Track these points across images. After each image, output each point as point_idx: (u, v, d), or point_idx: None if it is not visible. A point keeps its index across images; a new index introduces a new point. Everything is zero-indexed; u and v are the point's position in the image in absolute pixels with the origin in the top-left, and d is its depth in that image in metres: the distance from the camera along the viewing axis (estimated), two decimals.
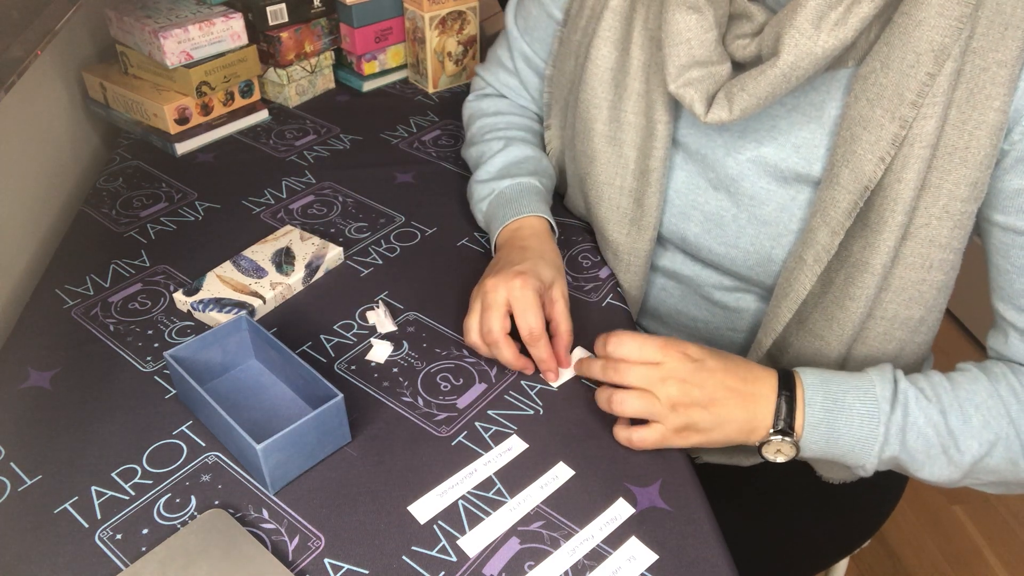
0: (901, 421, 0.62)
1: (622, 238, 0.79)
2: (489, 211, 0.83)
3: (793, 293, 0.70)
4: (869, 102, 0.62)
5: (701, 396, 0.62)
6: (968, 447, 0.62)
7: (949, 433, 0.62)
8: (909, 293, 0.66)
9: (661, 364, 0.63)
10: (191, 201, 0.92)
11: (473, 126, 0.94)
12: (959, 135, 0.60)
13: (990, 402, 0.62)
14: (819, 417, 0.62)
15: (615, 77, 0.75)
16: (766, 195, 0.70)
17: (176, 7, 1.01)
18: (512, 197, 0.81)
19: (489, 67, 0.96)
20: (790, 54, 0.59)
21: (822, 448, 0.63)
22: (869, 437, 0.62)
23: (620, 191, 0.77)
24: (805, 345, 0.73)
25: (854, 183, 0.63)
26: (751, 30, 0.65)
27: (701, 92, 0.65)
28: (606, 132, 0.76)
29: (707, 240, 0.76)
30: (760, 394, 0.63)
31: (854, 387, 0.63)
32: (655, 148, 0.73)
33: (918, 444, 0.62)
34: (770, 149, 0.69)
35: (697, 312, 0.83)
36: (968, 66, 0.59)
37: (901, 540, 1.51)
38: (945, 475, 0.63)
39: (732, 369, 0.64)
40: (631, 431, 0.63)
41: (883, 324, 0.69)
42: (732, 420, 0.63)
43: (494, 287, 0.69)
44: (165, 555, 0.55)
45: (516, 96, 0.94)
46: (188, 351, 0.66)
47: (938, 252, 0.64)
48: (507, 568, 0.56)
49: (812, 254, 0.67)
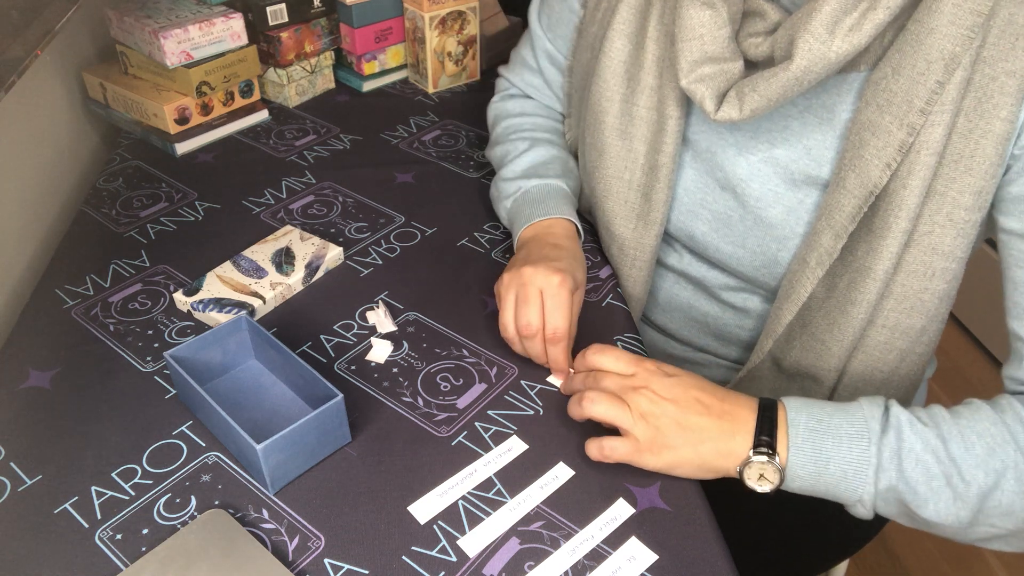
0: (895, 444, 0.57)
1: (628, 233, 0.79)
2: (514, 208, 0.82)
3: (795, 295, 0.70)
4: (879, 108, 0.62)
5: (673, 410, 0.60)
6: (974, 477, 0.56)
7: (951, 460, 0.57)
8: (911, 301, 0.66)
9: (634, 375, 0.62)
10: (191, 201, 0.92)
11: (499, 126, 0.93)
12: (965, 143, 0.60)
13: (993, 429, 0.58)
14: (804, 437, 0.58)
15: (628, 71, 0.75)
16: (774, 197, 0.70)
17: (176, 7, 1.01)
18: (539, 197, 0.81)
19: (513, 68, 0.96)
20: (803, 58, 0.59)
21: (811, 473, 0.58)
22: (860, 459, 0.57)
23: (628, 185, 0.77)
24: (806, 349, 0.73)
25: (860, 188, 0.63)
26: (764, 28, 0.65)
27: (712, 89, 0.65)
28: (617, 125, 0.76)
29: (715, 239, 0.76)
30: (737, 414, 0.60)
31: (840, 409, 0.60)
32: (665, 143, 0.73)
33: (917, 473, 0.57)
34: (782, 151, 0.69)
35: (708, 308, 0.83)
36: (977, 75, 0.59)
37: (901, 540, 1.51)
38: (953, 513, 0.57)
39: (708, 388, 0.62)
40: (601, 440, 0.61)
41: (884, 333, 0.68)
42: (706, 437, 0.60)
43: (531, 279, 0.68)
44: (165, 555, 0.55)
45: (541, 96, 0.94)
46: (188, 351, 0.66)
47: (940, 260, 0.64)
48: (507, 568, 0.56)
49: (815, 257, 0.67)
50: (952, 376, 1.81)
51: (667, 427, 0.60)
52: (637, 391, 0.61)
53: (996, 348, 1.83)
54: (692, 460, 0.60)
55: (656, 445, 0.60)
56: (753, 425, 0.60)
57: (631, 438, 0.60)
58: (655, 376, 0.62)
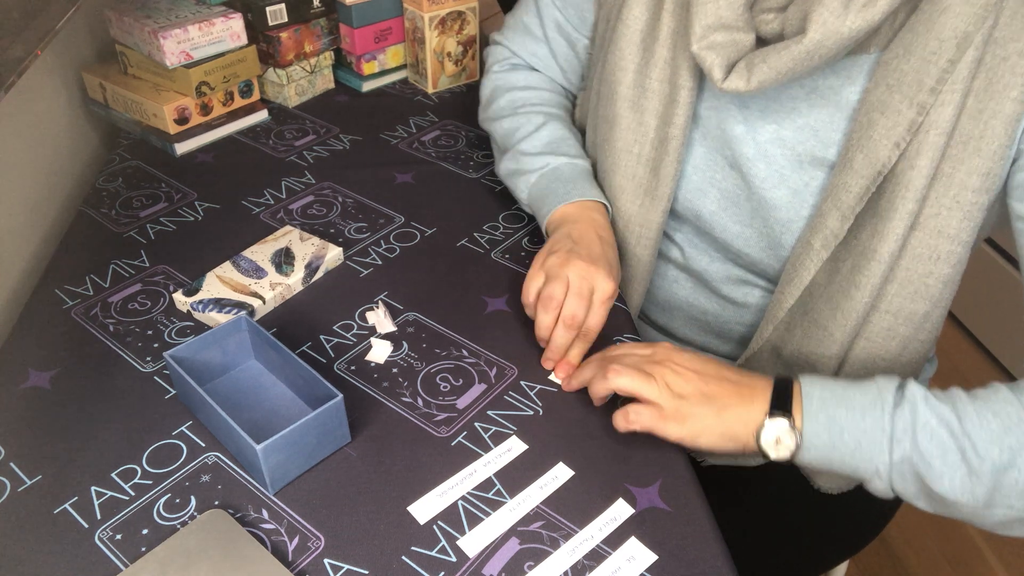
0: (909, 417, 0.57)
1: (635, 208, 0.79)
2: (542, 183, 0.82)
3: (798, 279, 0.70)
4: (889, 88, 0.62)
5: (696, 379, 0.62)
6: (988, 452, 0.55)
7: (965, 435, 0.56)
8: (915, 286, 0.66)
9: (653, 352, 0.64)
10: (191, 201, 0.92)
11: (501, 99, 0.92)
12: (974, 124, 0.60)
13: (1010, 408, 0.57)
14: (818, 407, 0.59)
15: (644, 40, 0.75)
16: (779, 178, 0.70)
17: (176, 7, 1.01)
18: (571, 176, 0.81)
19: (513, 36, 0.94)
20: (817, 32, 0.59)
21: (825, 443, 0.58)
22: (874, 428, 0.57)
23: (638, 159, 0.77)
24: (807, 336, 0.72)
25: (868, 168, 0.63)
26: (777, 5, 0.65)
27: (722, 57, 0.65)
28: (629, 96, 0.76)
29: (723, 218, 0.76)
30: (755, 384, 0.62)
31: (854, 383, 0.61)
32: (676, 115, 0.73)
33: (932, 446, 0.56)
34: (790, 132, 0.69)
35: (708, 305, 0.84)
36: (989, 55, 0.59)
37: (901, 540, 1.51)
38: (968, 490, 0.56)
39: (724, 364, 0.64)
40: (627, 407, 0.63)
41: (887, 319, 0.68)
42: (727, 404, 0.61)
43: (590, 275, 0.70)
44: (165, 555, 0.55)
45: (545, 68, 0.93)
46: (188, 351, 0.66)
47: (946, 244, 0.64)
48: (507, 568, 0.56)
49: (820, 239, 0.67)
50: (952, 376, 1.81)
51: (691, 395, 0.61)
52: (660, 364, 0.63)
53: (996, 348, 1.83)
54: (715, 428, 0.61)
55: (680, 414, 0.61)
56: (770, 394, 0.61)
57: (655, 406, 0.62)
58: (674, 351, 0.64)
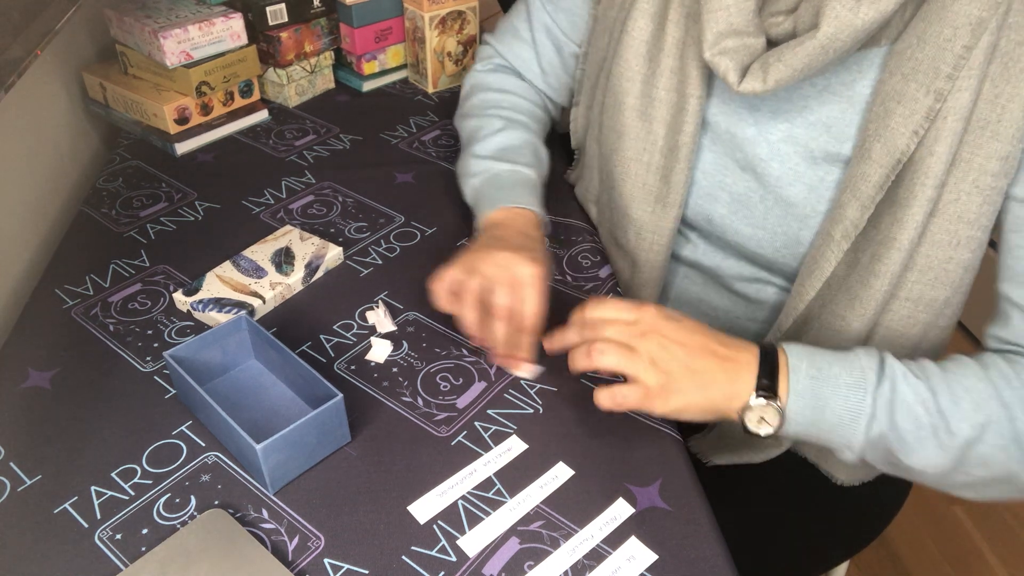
0: (889, 395, 0.60)
1: (646, 216, 0.79)
2: (482, 188, 0.82)
3: (819, 271, 0.70)
4: (904, 77, 0.62)
5: (682, 353, 0.61)
6: (959, 429, 0.59)
7: (939, 412, 0.59)
8: (935, 272, 0.66)
9: (638, 321, 0.63)
10: (191, 201, 0.92)
11: (474, 97, 0.92)
12: (991, 109, 0.60)
13: (980, 385, 0.61)
14: (804, 384, 0.60)
15: (650, 51, 0.75)
16: (795, 176, 0.70)
17: (176, 7, 1.01)
18: (510, 183, 0.80)
19: (502, 37, 0.95)
20: (830, 25, 0.59)
21: (808, 420, 0.60)
22: (856, 409, 0.59)
23: (647, 168, 0.77)
24: (825, 326, 0.72)
25: (886, 156, 0.63)
26: (786, 7, 0.65)
27: (736, 62, 0.65)
28: (637, 106, 0.76)
29: (733, 221, 0.76)
30: (740, 358, 0.62)
31: (839, 359, 0.61)
32: (686, 123, 0.73)
33: (907, 423, 0.59)
34: (802, 129, 0.69)
35: (719, 301, 0.83)
36: (1004, 40, 0.59)
37: (901, 540, 1.51)
38: (934, 461, 0.60)
39: (710, 332, 0.63)
40: (612, 388, 0.61)
41: (907, 306, 0.68)
42: (712, 380, 0.61)
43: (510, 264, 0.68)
44: (165, 555, 0.55)
45: (526, 69, 0.93)
46: (188, 351, 0.66)
47: (966, 229, 0.64)
48: (507, 568, 0.56)
49: (840, 230, 0.67)
50: None
51: (677, 371, 0.61)
52: (646, 336, 0.61)
53: None
54: (699, 403, 0.61)
55: (665, 391, 0.61)
56: (756, 368, 0.61)
57: (640, 384, 0.61)
58: (660, 319, 0.63)
